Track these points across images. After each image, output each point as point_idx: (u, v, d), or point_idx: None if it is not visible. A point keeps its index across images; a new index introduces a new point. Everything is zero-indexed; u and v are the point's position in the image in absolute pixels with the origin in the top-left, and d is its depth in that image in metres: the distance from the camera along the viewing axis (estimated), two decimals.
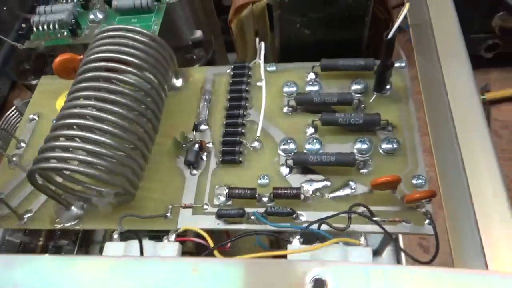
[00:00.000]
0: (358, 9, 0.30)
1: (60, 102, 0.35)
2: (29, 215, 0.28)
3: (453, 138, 0.20)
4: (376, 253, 0.31)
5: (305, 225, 0.25)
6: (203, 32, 0.43)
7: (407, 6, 0.24)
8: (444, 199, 0.21)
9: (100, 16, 0.33)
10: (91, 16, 0.33)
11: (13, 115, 0.37)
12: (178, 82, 0.34)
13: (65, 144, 0.24)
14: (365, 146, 0.27)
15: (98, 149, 0.23)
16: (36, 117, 0.33)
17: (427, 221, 0.24)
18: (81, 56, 0.31)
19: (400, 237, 0.34)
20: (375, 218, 0.24)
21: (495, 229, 0.17)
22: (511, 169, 0.53)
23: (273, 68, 0.33)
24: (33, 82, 0.39)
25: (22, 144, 0.32)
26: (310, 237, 0.24)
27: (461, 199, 0.20)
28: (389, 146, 0.27)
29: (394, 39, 0.25)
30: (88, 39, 0.33)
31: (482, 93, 0.60)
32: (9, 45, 0.36)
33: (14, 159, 0.31)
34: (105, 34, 0.27)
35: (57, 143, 0.24)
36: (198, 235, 0.25)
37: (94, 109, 0.24)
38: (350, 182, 0.27)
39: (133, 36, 0.27)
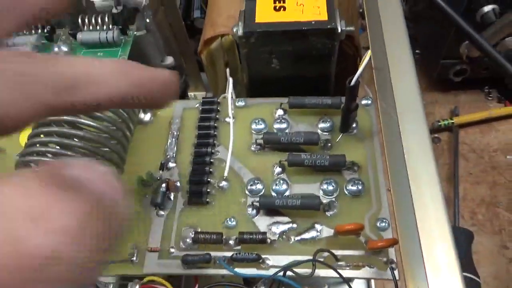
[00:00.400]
0: (324, 49, 0.30)
1: (23, 136, 0.34)
2: None
3: (406, 182, 0.21)
4: None
5: (271, 271, 0.25)
6: (174, 57, 0.43)
7: (369, 53, 0.25)
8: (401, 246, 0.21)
9: (64, 49, 0.33)
10: (56, 49, 0.33)
11: None
12: (146, 117, 0.33)
13: None
14: (330, 187, 0.28)
15: None
16: None
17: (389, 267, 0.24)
18: None
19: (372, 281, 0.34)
20: (339, 263, 0.25)
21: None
22: (478, 193, 0.55)
23: (242, 103, 0.33)
24: None
25: None
26: (275, 285, 0.24)
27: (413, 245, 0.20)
28: (354, 188, 0.27)
29: (357, 86, 0.25)
30: None
31: (451, 116, 0.61)
32: None
33: None
34: None
35: None
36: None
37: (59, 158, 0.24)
38: (316, 225, 0.27)
39: None
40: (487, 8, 0.48)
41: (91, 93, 0.11)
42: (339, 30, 0.29)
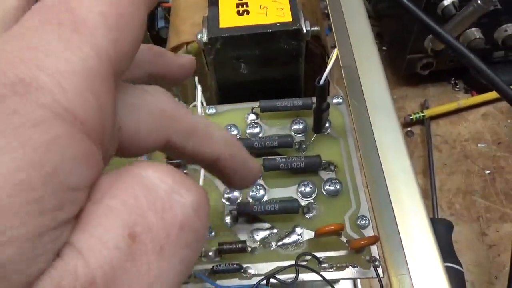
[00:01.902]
0: (291, 50, 0.30)
1: None
2: None
3: (382, 178, 0.21)
4: None
5: (254, 280, 0.24)
6: None
7: (336, 52, 0.25)
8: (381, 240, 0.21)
9: None
10: None
11: None
12: None
13: None
14: (308, 189, 0.27)
15: None
16: None
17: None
18: None
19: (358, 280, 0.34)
20: (323, 265, 0.24)
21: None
22: (453, 183, 0.56)
23: (213, 110, 0.32)
24: None
25: None
26: None
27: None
28: (332, 187, 0.27)
29: (326, 85, 0.25)
30: None
31: (421, 109, 0.63)
32: None
33: None
34: None
35: None
36: None
37: None
38: (296, 229, 0.26)
39: None
40: (447, 2, 0.49)
41: (204, 144, 0.13)
42: (304, 31, 0.29)
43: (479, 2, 0.42)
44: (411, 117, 0.61)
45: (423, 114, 0.61)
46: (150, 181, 0.09)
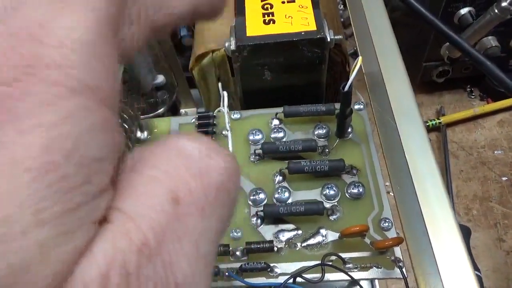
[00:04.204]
0: (314, 58, 0.31)
1: None
2: None
3: (409, 181, 0.21)
4: None
5: (280, 279, 0.25)
6: (165, 75, 0.43)
7: (360, 59, 0.26)
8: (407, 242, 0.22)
9: None
10: None
11: None
12: (143, 135, 0.33)
13: None
14: (332, 192, 0.28)
15: None
16: None
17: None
18: None
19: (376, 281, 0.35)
20: (347, 266, 0.25)
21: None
22: (470, 189, 0.56)
23: (238, 115, 0.33)
24: None
25: None
26: None
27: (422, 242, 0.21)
28: (355, 190, 0.28)
29: (350, 92, 0.26)
30: None
31: (437, 116, 0.63)
32: None
33: None
34: None
35: None
36: None
37: None
38: (321, 230, 0.27)
39: None
40: (464, 11, 0.50)
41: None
42: (329, 39, 0.30)
43: (496, 11, 0.42)
44: (427, 124, 0.62)
45: (439, 121, 0.62)
46: (186, 149, 0.10)
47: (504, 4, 0.42)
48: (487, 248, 0.52)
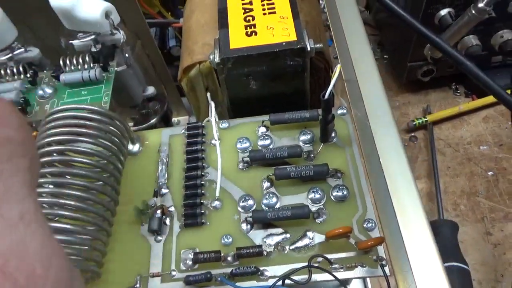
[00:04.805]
0: (297, 66, 0.32)
1: None
2: None
3: (384, 183, 0.22)
4: None
5: (270, 282, 0.26)
6: (155, 86, 0.44)
7: (338, 67, 0.27)
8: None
9: (49, 91, 0.34)
10: (40, 92, 0.34)
11: None
12: (135, 148, 0.34)
13: None
14: (317, 195, 0.29)
15: (62, 238, 0.24)
16: None
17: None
18: (34, 133, 0.31)
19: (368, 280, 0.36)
20: (333, 266, 0.26)
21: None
22: (458, 185, 0.57)
23: (226, 125, 0.35)
24: None
25: None
26: None
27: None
28: (340, 193, 0.29)
29: (330, 99, 0.27)
30: (38, 115, 0.33)
31: (424, 115, 0.64)
32: None
33: None
34: (55, 116, 0.28)
35: None
36: None
37: (52, 197, 0.25)
38: (308, 233, 0.28)
39: (83, 115, 0.28)
40: (444, 12, 0.51)
41: None
42: (309, 48, 0.31)
43: (473, 11, 0.44)
44: (414, 123, 0.63)
45: (425, 119, 0.63)
46: None
47: (480, 5, 0.43)
48: (475, 241, 0.53)
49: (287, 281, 0.26)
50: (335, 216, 0.29)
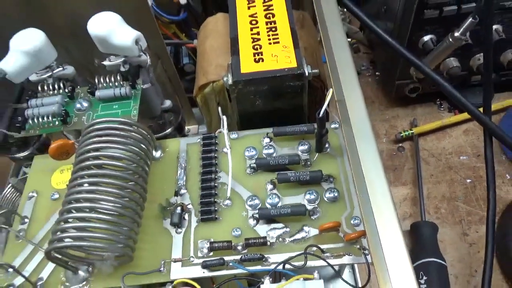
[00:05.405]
0: (296, 88, 0.38)
1: (54, 179, 0.40)
2: (41, 282, 0.33)
3: (365, 187, 0.28)
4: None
5: (273, 266, 0.32)
6: (171, 99, 0.50)
7: (331, 91, 0.33)
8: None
9: (85, 104, 0.39)
10: (78, 105, 0.39)
11: (9, 192, 0.42)
12: (157, 154, 0.40)
13: (76, 225, 0.29)
14: (313, 196, 0.35)
15: (105, 226, 0.29)
16: (34, 194, 0.39)
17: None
18: (72, 141, 0.37)
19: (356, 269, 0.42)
20: (325, 254, 0.32)
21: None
22: (439, 191, 0.63)
23: (235, 135, 0.40)
24: (17, 155, 0.44)
25: (26, 220, 0.37)
26: (277, 276, 0.31)
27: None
28: (331, 195, 0.35)
29: (324, 117, 0.33)
30: (76, 125, 0.39)
31: (411, 127, 0.71)
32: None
33: (21, 233, 0.36)
34: (94, 127, 0.34)
35: (68, 225, 0.30)
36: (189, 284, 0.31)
37: (96, 193, 0.30)
38: (304, 227, 0.34)
39: (117, 126, 0.34)
40: (426, 38, 0.58)
41: None
42: (307, 74, 0.37)
43: (450, 39, 0.50)
44: (401, 135, 0.69)
45: (412, 131, 0.69)
46: None
47: (456, 34, 0.49)
48: (453, 241, 0.59)
49: (287, 266, 0.31)
50: (327, 214, 0.35)
